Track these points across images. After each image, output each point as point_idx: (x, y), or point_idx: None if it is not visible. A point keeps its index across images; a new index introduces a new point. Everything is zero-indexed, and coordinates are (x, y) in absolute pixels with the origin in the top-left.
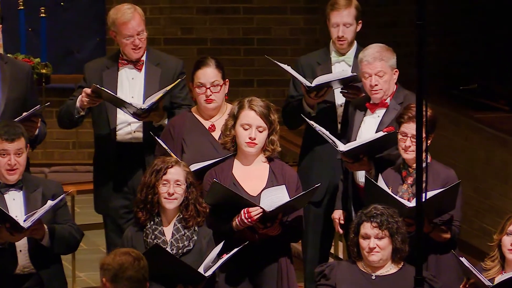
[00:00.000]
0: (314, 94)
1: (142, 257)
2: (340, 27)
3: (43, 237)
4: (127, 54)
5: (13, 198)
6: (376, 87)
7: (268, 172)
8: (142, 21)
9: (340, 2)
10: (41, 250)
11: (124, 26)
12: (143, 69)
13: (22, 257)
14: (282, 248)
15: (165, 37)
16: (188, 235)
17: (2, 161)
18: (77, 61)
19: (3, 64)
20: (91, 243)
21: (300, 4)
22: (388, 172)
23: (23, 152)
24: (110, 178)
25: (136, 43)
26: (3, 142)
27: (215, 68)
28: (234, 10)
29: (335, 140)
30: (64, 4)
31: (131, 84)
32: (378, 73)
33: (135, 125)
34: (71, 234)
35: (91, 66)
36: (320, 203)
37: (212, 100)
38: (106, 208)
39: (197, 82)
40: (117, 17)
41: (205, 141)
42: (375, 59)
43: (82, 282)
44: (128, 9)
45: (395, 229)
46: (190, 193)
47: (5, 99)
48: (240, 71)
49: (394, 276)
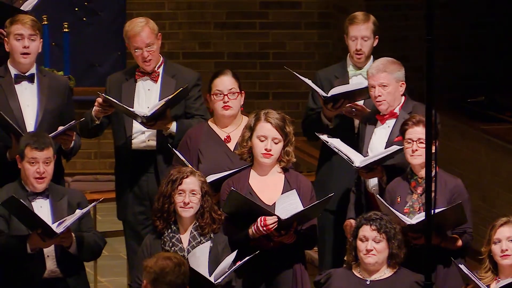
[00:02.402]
0: (331, 105)
1: (184, 262)
2: (358, 40)
3: (71, 244)
4: (140, 65)
5: (40, 205)
6: (380, 98)
7: (283, 182)
8: (153, 34)
9: (358, 17)
10: (67, 256)
11: (133, 38)
12: (159, 80)
13: (49, 263)
14: (297, 255)
15: (184, 51)
16: (204, 241)
17: (31, 169)
18: (99, 74)
19: (41, 77)
20: (112, 249)
21: (314, 19)
22: (396, 182)
23: (51, 161)
24: (127, 185)
25: (144, 55)
26: (32, 151)
27: (232, 77)
28: (250, 25)
29: (350, 156)
30: (86, 20)
31: (147, 95)
32: (381, 84)
33: (149, 134)
34: (96, 242)
35: (113, 79)
36: (337, 211)
37: (229, 107)
38: (125, 214)
39: (215, 90)
40: (129, 29)
41: (221, 152)
42: (378, 71)
43: (103, 287)
44: (140, 22)
45: (392, 234)
46: (205, 202)
47: (42, 111)
48: (256, 84)
49: (389, 280)
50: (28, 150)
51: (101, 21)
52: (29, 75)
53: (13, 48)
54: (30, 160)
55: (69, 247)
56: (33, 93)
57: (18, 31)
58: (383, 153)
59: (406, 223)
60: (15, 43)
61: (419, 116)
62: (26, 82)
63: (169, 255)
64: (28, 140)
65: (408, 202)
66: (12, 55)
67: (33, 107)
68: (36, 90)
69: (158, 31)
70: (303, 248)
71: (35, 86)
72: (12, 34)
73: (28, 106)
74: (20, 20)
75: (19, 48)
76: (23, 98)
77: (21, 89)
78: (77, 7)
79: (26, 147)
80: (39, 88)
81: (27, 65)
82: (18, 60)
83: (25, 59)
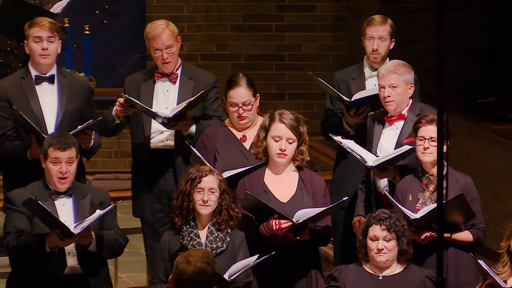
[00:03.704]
0: (354, 111)
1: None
2: (375, 41)
3: (90, 243)
4: (159, 67)
5: (63, 204)
6: (389, 98)
7: (297, 180)
8: (173, 37)
9: (376, 18)
10: (88, 253)
11: (154, 40)
12: (177, 82)
13: (70, 259)
14: (311, 253)
15: (202, 53)
16: (222, 237)
17: (54, 169)
18: (119, 76)
19: (62, 78)
20: (131, 246)
21: (328, 22)
22: (407, 180)
23: (73, 161)
24: (144, 183)
25: (164, 57)
26: (55, 151)
27: (247, 87)
28: (266, 28)
29: (363, 156)
30: (107, 22)
31: (165, 95)
32: (391, 85)
33: (167, 134)
34: (116, 240)
35: (131, 79)
36: (351, 208)
37: (245, 117)
38: (142, 212)
39: (230, 101)
40: (149, 31)
41: (237, 151)
42: (389, 72)
43: (124, 283)
44: (160, 24)
45: (401, 232)
46: (223, 200)
47: (63, 111)
48: (272, 85)
49: (400, 275)
50: (51, 150)
51: (121, 24)
52: (49, 76)
53: (32, 50)
54: (53, 160)
55: (88, 245)
56: (53, 94)
57: (36, 33)
58: (395, 153)
59: (411, 218)
60: (34, 45)
61: (432, 115)
62: (46, 83)
63: (192, 259)
64: (51, 140)
65: (420, 199)
66: (31, 57)
67: (53, 107)
68: (56, 90)
69: (178, 34)
70: (317, 244)
71: (55, 87)
72: (31, 37)
73: (48, 107)
74: (39, 23)
75: (38, 50)
76: (44, 98)
77: (42, 90)
78: (98, 10)
79: (49, 147)
80: (59, 89)
81: (47, 66)
82: (38, 61)
83: (45, 59)
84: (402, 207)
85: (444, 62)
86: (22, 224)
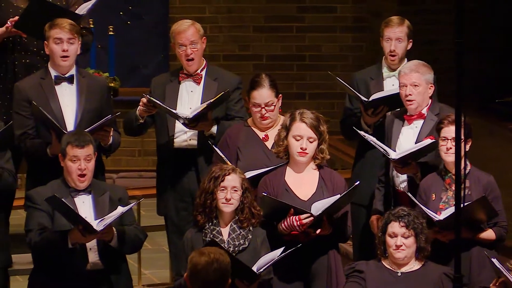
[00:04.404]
0: (371, 111)
1: (218, 259)
2: (393, 42)
3: (112, 239)
4: (183, 65)
5: (83, 201)
6: (410, 97)
7: (318, 179)
8: (198, 34)
9: (394, 20)
10: (109, 249)
11: (178, 35)
12: (201, 82)
13: (92, 255)
14: (331, 247)
15: (224, 54)
16: (244, 234)
17: (73, 166)
18: (143, 76)
19: (81, 78)
20: (155, 243)
21: (348, 23)
22: (430, 179)
23: (91, 158)
24: (168, 182)
25: (188, 52)
26: (73, 148)
27: (269, 88)
28: (287, 29)
29: (386, 149)
30: (131, 23)
31: (190, 96)
32: (413, 83)
33: (190, 134)
34: (137, 235)
35: (157, 80)
36: (370, 206)
37: (267, 117)
38: (166, 210)
39: (252, 101)
40: (175, 28)
41: (259, 150)
42: (411, 70)
43: (147, 279)
44: (186, 22)
45: (420, 229)
46: (245, 198)
47: (81, 110)
48: (293, 85)
49: (418, 272)
50: (69, 148)
51: (145, 25)
52: (69, 76)
53: (53, 51)
54: (71, 158)
55: (110, 241)
56: (72, 94)
57: (57, 35)
58: (417, 146)
59: (434, 219)
60: (55, 46)
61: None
62: (65, 83)
63: (206, 251)
64: (69, 138)
65: (443, 198)
66: (51, 58)
67: (72, 107)
68: (76, 90)
69: (203, 35)
70: (337, 240)
71: (74, 87)
72: (52, 38)
73: (68, 106)
74: (59, 24)
75: (59, 51)
76: (63, 98)
77: (61, 90)
78: (122, 11)
79: (67, 145)
80: (78, 89)
81: (66, 67)
82: (58, 63)
83: (65, 62)
84: (425, 208)
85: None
86: (44, 222)
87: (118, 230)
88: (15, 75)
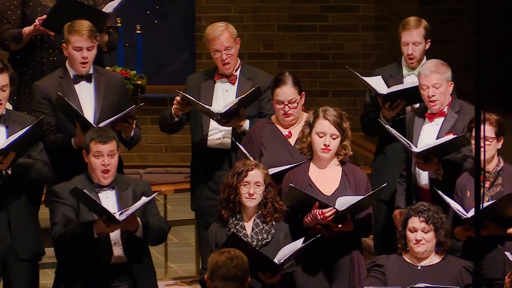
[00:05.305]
0: (388, 105)
1: (237, 256)
2: (410, 46)
3: (137, 229)
4: (219, 68)
5: (107, 196)
6: (433, 97)
7: (341, 174)
8: (232, 38)
9: (410, 23)
10: (133, 242)
11: (213, 41)
12: (236, 82)
13: (116, 249)
14: (354, 242)
15: (249, 52)
16: (267, 229)
17: (96, 162)
18: (169, 74)
19: (98, 76)
20: (181, 237)
21: (370, 22)
22: (465, 176)
23: (115, 153)
24: (201, 179)
25: (223, 58)
26: (97, 144)
27: (292, 86)
28: (311, 28)
29: (409, 142)
30: (158, 22)
31: (224, 95)
32: (435, 85)
33: (224, 132)
34: (161, 227)
35: (192, 79)
36: (391, 201)
37: (290, 114)
38: (198, 206)
39: (276, 98)
40: (209, 32)
41: (282, 147)
42: (431, 72)
43: (173, 272)
44: (220, 26)
45: (439, 224)
46: (268, 193)
47: (100, 108)
48: (316, 83)
49: (438, 266)
50: (92, 144)
51: (171, 23)
52: (87, 75)
53: (73, 57)
54: (95, 154)
55: (135, 231)
56: (90, 92)
57: (77, 43)
58: (440, 141)
59: (463, 217)
60: (75, 53)
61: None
62: (84, 81)
63: (223, 250)
64: (92, 135)
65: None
66: (70, 61)
67: (91, 105)
68: (93, 88)
69: (237, 36)
70: (360, 235)
71: (92, 85)
72: (71, 45)
73: (87, 105)
74: (78, 31)
75: (79, 58)
76: (82, 97)
77: (80, 88)
78: (149, 10)
79: (91, 141)
80: (96, 87)
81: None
82: (78, 68)
83: (84, 68)
84: (454, 206)
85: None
86: (69, 215)
87: (144, 221)
88: (43, 72)
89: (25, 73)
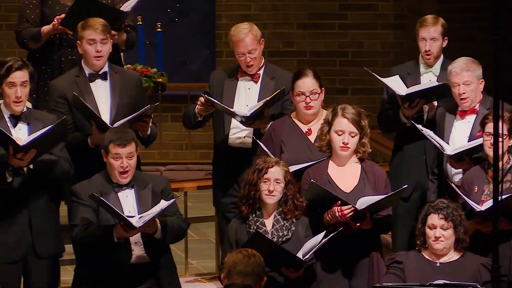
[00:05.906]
0: (407, 104)
1: (254, 254)
2: (427, 42)
3: (156, 231)
4: (243, 68)
5: (126, 196)
6: (464, 95)
7: (360, 172)
8: (256, 41)
9: (428, 20)
10: (154, 241)
11: (237, 44)
12: (259, 81)
13: (137, 249)
14: (373, 240)
15: (269, 50)
16: (287, 225)
17: (115, 164)
18: (190, 71)
19: (113, 74)
20: (201, 234)
21: (389, 20)
22: (473, 172)
23: (133, 155)
24: (223, 177)
25: (247, 61)
26: (116, 147)
27: (313, 78)
28: (330, 26)
29: (442, 144)
30: (178, 20)
31: (247, 94)
32: (465, 82)
33: (246, 132)
34: (180, 225)
35: (216, 75)
36: (408, 199)
37: (311, 106)
38: (219, 203)
39: (297, 91)
40: (233, 35)
41: (302, 144)
42: (462, 70)
43: (194, 269)
44: (244, 28)
45: (458, 221)
46: (288, 190)
47: (115, 106)
48: (336, 81)
49: (456, 262)
50: (111, 146)
51: (191, 22)
52: (102, 73)
53: (87, 51)
54: (114, 156)
55: (154, 233)
56: (106, 90)
57: (90, 36)
58: (473, 143)
59: (476, 210)
60: (88, 47)
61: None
62: (100, 80)
63: (240, 250)
64: (111, 137)
65: (485, 191)
66: (85, 57)
67: (107, 103)
68: (109, 86)
69: (261, 37)
70: (379, 233)
71: (108, 83)
72: (85, 39)
73: (103, 103)
74: (92, 25)
75: (92, 52)
76: (98, 95)
77: (96, 87)
78: (169, 9)
79: (109, 143)
80: (111, 85)
81: (100, 66)
82: (92, 63)
83: (98, 61)
84: (468, 199)
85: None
86: (89, 217)
87: (162, 222)
88: (61, 71)
89: (44, 72)
